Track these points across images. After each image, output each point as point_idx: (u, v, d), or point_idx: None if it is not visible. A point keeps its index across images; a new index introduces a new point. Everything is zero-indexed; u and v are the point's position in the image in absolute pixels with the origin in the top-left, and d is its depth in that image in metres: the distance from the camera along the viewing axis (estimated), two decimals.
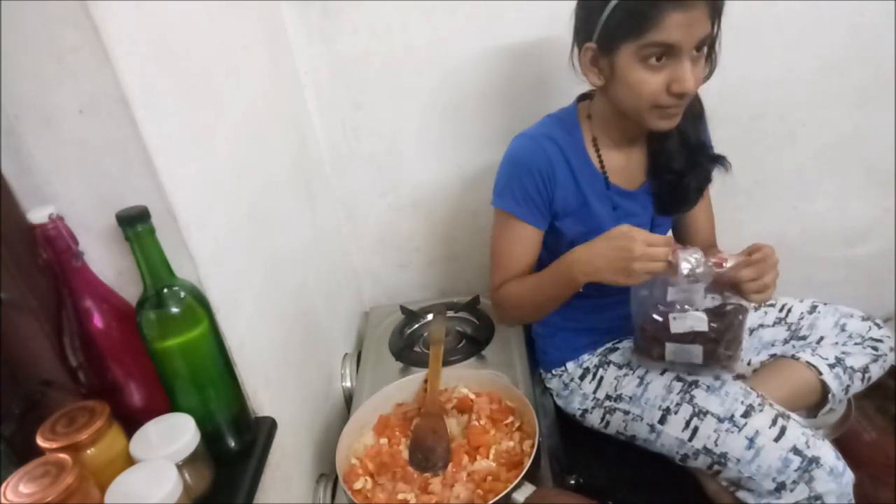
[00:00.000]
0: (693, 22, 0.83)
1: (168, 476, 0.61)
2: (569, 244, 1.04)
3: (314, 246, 1.21)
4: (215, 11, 0.87)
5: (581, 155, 1.01)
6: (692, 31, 0.84)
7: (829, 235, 1.50)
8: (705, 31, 0.85)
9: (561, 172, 1.00)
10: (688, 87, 0.86)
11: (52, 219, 0.62)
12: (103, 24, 0.58)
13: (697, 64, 0.88)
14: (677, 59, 0.86)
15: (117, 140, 0.63)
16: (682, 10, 0.82)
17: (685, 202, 1.05)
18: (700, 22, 0.84)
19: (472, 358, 1.25)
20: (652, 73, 0.87)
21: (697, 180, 1.03)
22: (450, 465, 0.91)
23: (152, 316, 0.66)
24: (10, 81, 0.59)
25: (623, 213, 1.04)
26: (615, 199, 1.03)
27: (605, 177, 1.02)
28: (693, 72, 0.87)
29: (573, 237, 1.04)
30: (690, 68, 0.86)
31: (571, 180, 1.01)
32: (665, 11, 0.82)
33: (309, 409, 1.06)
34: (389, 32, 1.24)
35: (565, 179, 1.00)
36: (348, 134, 1.35)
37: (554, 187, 1.00)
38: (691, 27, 0.83)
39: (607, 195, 1.03)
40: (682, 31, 0.83)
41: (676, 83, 0.86)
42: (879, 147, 1.39)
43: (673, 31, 0.83)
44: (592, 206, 1.02)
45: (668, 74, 0.87)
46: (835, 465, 0.89)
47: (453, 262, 1.52)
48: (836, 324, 1.10)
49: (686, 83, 0.86)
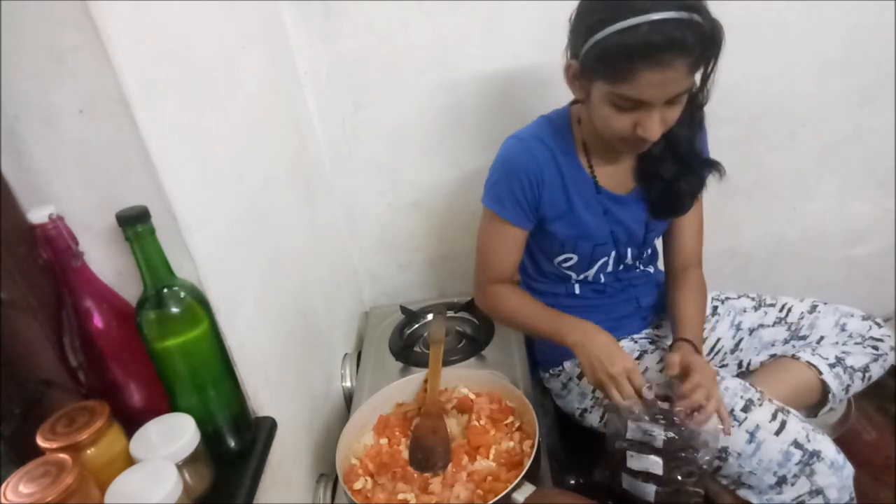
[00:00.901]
0: (667, 81, 0.81)
1: (168, 476, 0.61)
2: (560, 246, 1.05)
3: (314, 246, 1.21)
4: (215, 11, 0.87)
5: (571, 159, 1.02)
6: (665, 90, 0.82)
7: (829, 235, 1.50)
8: (683, 87, 0.83)
9: (550, 176, 1.00)
10: (651, 136, 0.85)
11: (52, 219, 0.62)
12: (103, 24, 0.58)
13: (673, 107, 0.86)
14: (647, 109, 0.84)
15: (117, 140, 0.63)
16: (658, 71, 0.79)
17: (678, 208, 1.04)
18: (675, 80, 0.81)
19: (472, 358, 1.25)
20: (620, 115, 0.87)
21: (689, 186, 1.01)
22: (450, 465, 0.91)
23: (152, 316, 0.66)
24: (10, 81, 0.59)
25: (614, 219, 1.04)
26: (606, 204, 1.03)
27: (594, 181, 1.02)
28: (666, 115, 0.85)
29: (564, 240, 1.05)
30: (660, 117, 0.85)
31: (560, 184, 1.01)
32: (639, 70, 0.80)
33: (309, 409, 1.06)
34: (389, 32, 1.24)
35: (554, 183, 1.01)
36: (348, 134, 1.35)
37: (542, 190, 1.01)
38: (665, 86, 0.81)
39: (598, 199, 1.03)
40: (654, 89, 0.81)
41: (641, 129, 0.86)
42: (879, 147, 1.39)
43: (644, 90, 0.82)
44: (582, 210, 1.03)
45: (635, 118, 0.86)
46: (835, 458, 0.89)
47: (453, 262, 1.52)
48: (837, 323, 1.10)
49: (650, 133, 0.85)
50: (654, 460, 0.90)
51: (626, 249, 1.09)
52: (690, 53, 0.79)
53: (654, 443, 0.90)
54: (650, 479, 0.92)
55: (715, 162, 1.02)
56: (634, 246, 1.09)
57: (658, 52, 0.77)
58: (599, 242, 1.06)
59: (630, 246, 1.08)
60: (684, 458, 0.90)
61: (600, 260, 1.08)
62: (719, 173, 1.02)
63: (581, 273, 1.10)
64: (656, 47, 0.77)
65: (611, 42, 0.81)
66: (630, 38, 0.78)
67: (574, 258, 1.08)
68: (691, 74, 0.82)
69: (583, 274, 1.10)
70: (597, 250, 1.06)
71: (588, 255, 1.07)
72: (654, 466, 0.90)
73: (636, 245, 1.09)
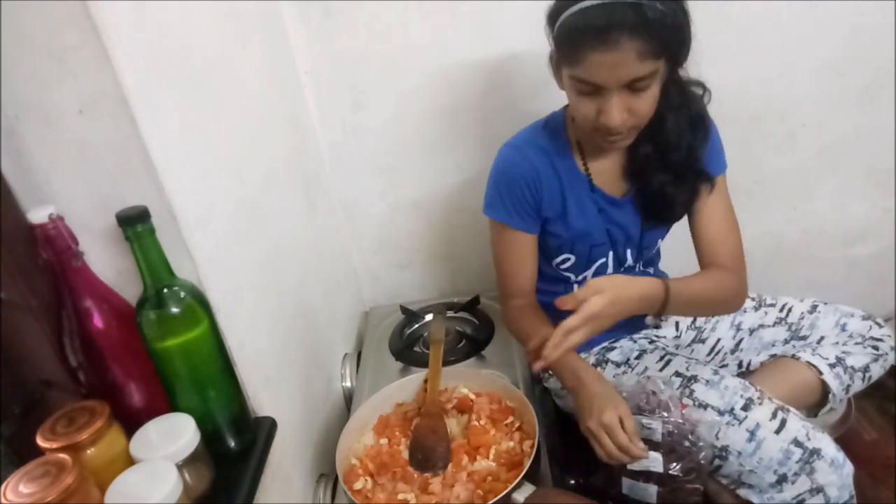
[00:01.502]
0: (616, 64, 0.80)
1: (168, 476, 0.61)
2: (557, 247, 1.05)
3: (314, 246, 1.21)
4: (215, 11, 0.87)
5: (566, 158, 1.02)
6: (616, 73, 0.81)
7: (829, 235, 1.50)
8: (635, 72, 0.81)
9: (546, 177, 1.01)
10: (612, 122, 0.85)
11: (52, 219, 0.62)
12: (103, 24, 0.58)
13: (639, 96, 0.85)
14: (605, 94, 0.84)
15: (117, 140, 0.63)
16: (604, 50, 0.79)
17: (669, 215, 1.04)
18: (625, 65, 0.80)
19: (472, 358, 1.25)
20: (584, 100, 0.87)
21: (679, 194, 0.99)
22: (450, 465, 0.91)
23: (152, 316, 0.66)
24: (10, 81, 0.59)
25: (610, 219, 1.04)
26: (601, 203, 1.04)
27: (589, 179, 1.03)
28: (632, 103, 0.85)
29: (562, 242, 1.06)
30: (620, 104, 0.84)
31: (557, 184, 1.02)
32: (586, 52, 0.81)
33: (309, 409, 1.06)
34: (389, 32, 1.24)
35: (551, 184, 1.02)
36: (348, 134, 1.35)
37: (541, 193, 1.02)
38: (614, 69, 0.81)
39: (592, 198, 1.03)
40: (604, 72, 0.82)
41: (602, 116, 0.86)
42: (879, 147, 1.39)
43: (594, 72, 0.82)
44: (576, 209, 1.03)
45: (598, 104, 0.86)
46: (835, 456, 0.89)
47: (453, 262, 1.52)
48: (837, 323, 1.10)
49: (610, 119, 0.85)
50: (654, 456, 0.90)
51: (625, 251, 1.09)
52: (638, 35, 0.78)
53: (654, 436, 0.90)
54: (650, 479, 0.92)
55: (708, 175, 0.99)
56: (633, 247, 1.09)
57: (601, 32, 0.79)
58: (596, 243, 1.06)
59: (629, 247, 1.08)
60: (684, 451, 0.90)
61: (598, 261, 1.08)
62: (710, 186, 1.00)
63: (579, 274, 1.10)
64: (599, 28, 0.79)
65: (565, 25, 0.84)
66: (578, 20, 0.81)
67: (572, 259, 1.08)
68: (647, 59, 0.81)
69: (581, 275, 1.10)
70: (594, 251, 1.07)
71: (585, 255, 1.07)
72: (654, 463, 0.90)
73: (635, 247, 1.09)
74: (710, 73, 0.98)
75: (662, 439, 0.90)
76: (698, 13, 0.89)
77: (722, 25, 1.24)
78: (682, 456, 0.91)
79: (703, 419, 0.90)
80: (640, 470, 0.92)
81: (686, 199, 1.01)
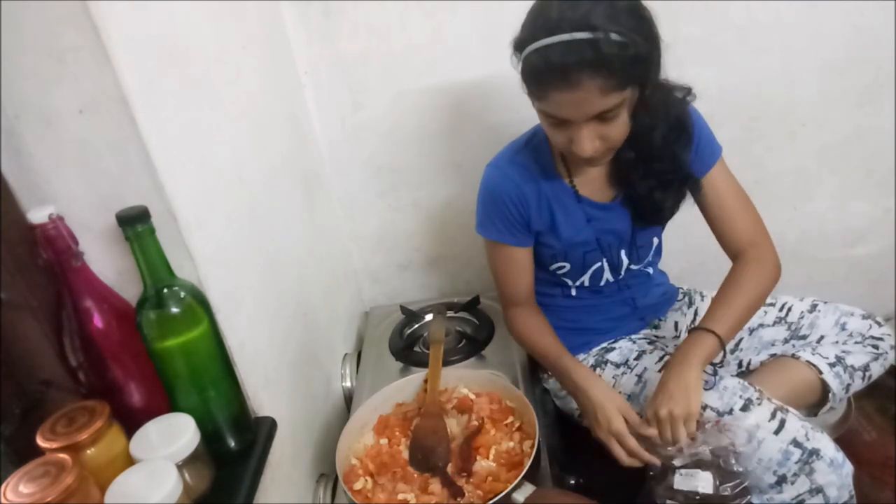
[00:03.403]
0: (581, 101, 0.80)
1: (168, 476, 0.61)
2: (552, 256, 1.07)
3: (314, 246, 1.21)
4: (215, 11, 0.88)
5: (549, 172, 1.03)
6: (581, 109, 0.81)
7: (829, 235, 1.50)
8: (601, 107, 0.81)
9: (530, 193, 1.02)
10: (584, 153, 0.85)
11: (52, 219, 0.62)
12: (103, 24, 0.58)
13: (609, 123, 0.84)
14: (574, 126, 0.84)
15: (117, 140, 0.63)
16: (567, 89, 0.79)
17: (658, 218, 1.04)
18: (589, 102, 0.80)
19: (472, 358, 1.25)
20: (555, 130, 0.88)
21: (666, 198, 0.99)
22: (450, 465, 0.91)
23: (152, 316, 0.66)
24: (10, 81, 0.59)
25: (599, 226, 1.04)
26: (589, 212, 1.04)
27: (574, 190, 1.03)
28: (603, 131, 0.85)
29: (555, 251, 1.06)
30: (590, 134, 0.84)
31: (543, 199, 1.02)
32: (549, 90, 0.81)
33: (309, 409, 1.06)
34: (389, 32, 1.24)
35: (535, 199, 1.02)
36: (348, 134, 1.35)
37: (528, 210, 1.03)
38: (579, 105, 0.81)
39: (580, 208, 1.03)
40: (569, 108, 0.82)
41: (574, 146, 0.86)
42: (879, 147, 1.39)
43: (559, 109, 0.82)
44: (564, 221, 1.03)
45: (569, 134, 0.86)
46: (835, 456, 0.89)
47: (453, 262, 1.52)
48: (837, 322, 1.10)
49: (582, 150, 0.85)
50: (703, 476, 0.88)
51: (618, 253, 1.08)
52: (598, 73, 0.77)
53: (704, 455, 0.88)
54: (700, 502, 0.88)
55: (694, 178, 1.00)
56: (627, 249, 1.09)
57: (562, 72, 0.78)
58: (588, 250, 1.06)
59: (623, 249, 1.08)
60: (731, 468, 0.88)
61: (593, 266, 1.09)
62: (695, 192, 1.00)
63: (576, 279, 1.11)
64: (558, 68, 0.78)
65: (528, 61, 0.82)
66: (537, 59, 0.80)
67: (567, 266, 1.09)
68: (611, 93, 0.79)
69: (578, 280, 1.11)
70: (587, 257, 1.07)
71: (580, 262, 1.08)
72: (705, 484, 0.87)
73: (629, 248, 1.09)
74: (710, 73, 0.98)
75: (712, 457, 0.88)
76: (698, 13, 0.89)
77: (722, 25, 1.24)
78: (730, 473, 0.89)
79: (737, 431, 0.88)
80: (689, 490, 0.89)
81: (673, 203, 1.01)
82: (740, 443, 0.90)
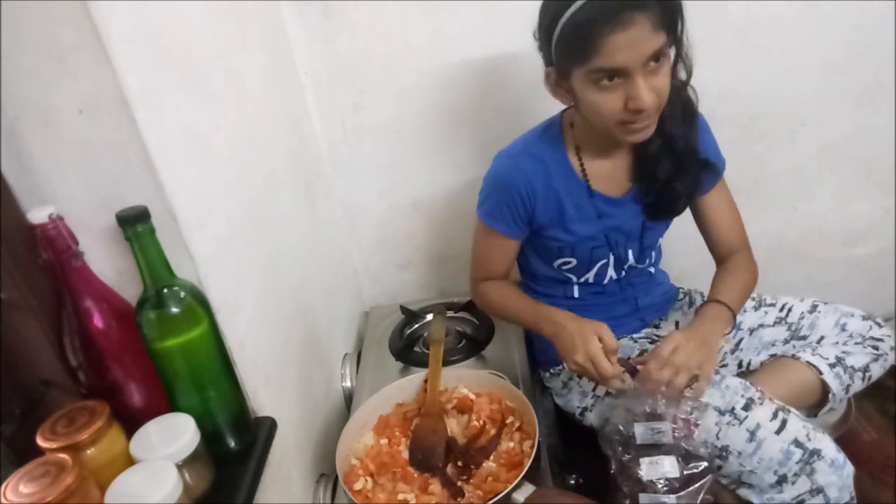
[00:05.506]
0: (635, 41, 0.80)
1: (168, 476, 0.61)
2: (558, 250, 1.06)
3: (314, 246, 1.21)
4: (215, 11, 0.87)
5: (563, 165, 1.03)
6: (636, 50, 0.81)
7: (829, 235, 1.50)
8: (654, 45, 0.82)
9: (541, 187, 1.02)
10: (643, 104, 0.85)
11: (52, 219, 0.62)
12: (103, 24, 0.58)
13: (658, 74, 0.85)
14: (629, 77, 0.84)
15: (117, 140, 0.63)
16: (621, 31, 0.79)
17: (673, 209, 1.05)
18: (644, 39, 0.81)
19: (472, 358, 1.25)
20: (607, 94, 0.87)
21: (685, 186, 1.01)
22: (450, 466, 0.91)
23: (152, 316, 0.66)
24: (10, 81, 0.59)
25: (608, 221, 1.05)
26: (600, 207, 1.04)
27: (587, 185, 1.03)
28: (653, 83, 0.85)
29: (562, 245, 1.06)
30: (645, 84, 0.84)
31: (552, 192, 1.02)
32: (603, 37, 0.80)
33: (309, 409, 1.06)
34: (389, 32, 1.24)
35: (546, 193, 1.02)
36: (348, 134, 1.35)
37: (534, 203, 1.02)
38: (634, 47, 0.81)
39: (591, 203, 1.03)
40: (625, 52, 0.81)
41: (632, 101, 0.85)
42: (879, 147, 1.39)
43: (615, 55, 0.82)
44: (574, 216, 1.03)
45: (623, 93, 0.86)
46: (836, 457, 0.89)
47: (453, 262, 1.52)
48: (837, 323, 1.10)
49: (641, 101, 0.85)
50: (668, 461, 0.89)
51: (625, 251, 1.09)
52: (646, 7, 0.80)
53: (664, 439, 0.90)
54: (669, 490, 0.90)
55: (710, 163, 1.02)
56: (634, 247, 1.09)
57: (615, 14, 0.79)
58: (597, 245, 1.06)
59: (629, 247, 1.09)
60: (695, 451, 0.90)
61: (599, 262, 1.09)
62: (716, 174, 1.03)
63: (581, 276, 1.11)
64: (612, 11, 0.80)
65: (571, 23, 0.83)
66: (584, 14, 0.82)
67: (573, 261, 1.08)
68: (659, 31, 0.82)
69: (583, 276, 1.11)
70: (595, 252, 1.07)
71: (587, 257, 1.08)
72: (671, 469, 0.89)
73: (636, 245, 1.09)
74: (710, 73, 0.98)
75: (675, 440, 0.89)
76: (698, 13, 0.89)
77: (722, 25, 1.24)
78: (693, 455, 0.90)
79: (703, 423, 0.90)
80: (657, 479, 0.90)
81: (689, 192, 1.03)
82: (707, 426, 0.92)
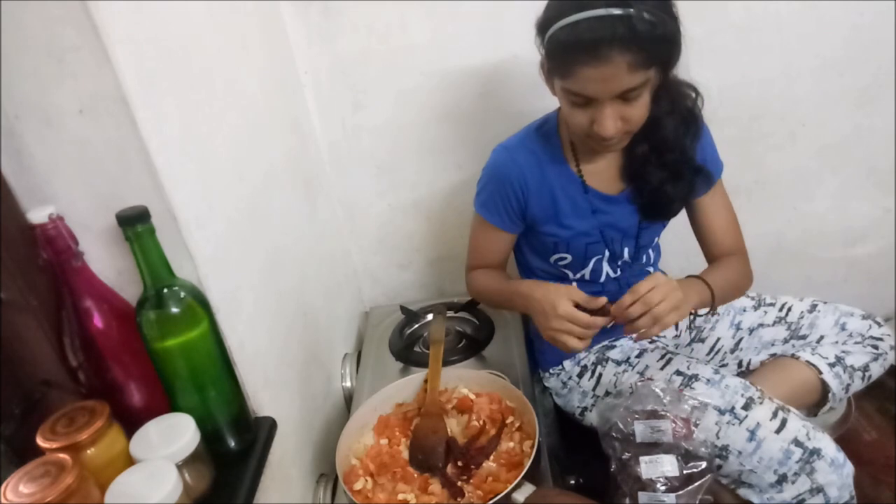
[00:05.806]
0: (608, 78, 0.81)
1: (168, 476, 0.61)
2: (553, 246, 1.06)
3: (314, 246, 1.21)
4: (215, 11, 0.87)
5: (558, 161, 1.03)
6: (608, 86, 0.82)
7: (829, 235, 1.50)
8: (627, 84, 0.82)
9: (534, 181, 1.02)
10: (606, 133, 0.86)
11: (52, 219, 0.62)
12: (103, 24, 0.58)
13: (632, 104, 0.85)
14: (598, 104, 0.85)
15: (117, 140, 0.63)
16: (595, 66, 0.80)
17: (666, 212, 1.05)
18: (617, 78, 0.81)
19: (472, 358, 1.25)
20: (578, 110, 0.88)
21: (677, 191, 1.00)
22: (450, 465, 0.91)
23: (152, 316, 0.66)
24: (10, 81, 0.59)
25: (603, 218, 1.05)
26: (595, 203, 1.04)
27: (581, 181, 1.03)
28: (625, 112, 0.85)
29: (557, 240, 1.06)
30: (613, 113, 0.85)
31: (546, 188, 1.03)
32: (579, 64, 0.81)
33: (309, 409, 1.06)
34: (389, 32, 1.24)
35: (539, 188, 1.02)
36: (348, 134, 1.35)
37: (527, 198, 1.03)
38: (606, 82, 0.81)
39: (586, 199, 1.04)
40: (597, 85, 0.82)
41: (596, 125, 0.86)
42: (879, 147, 1.39)
43: (586, 85, 0.83)
44: (569, 211, 1.04)
45: (590, 114, 0.87)
46: (835, 456, 0.89)
47: (453, 262, 1.52)
48: (837, 323, 1.10)
49: (604, 129, 0.86)
50: (668, 459, 0.90)
51: (620, 248, 1.09)
52: (628, 49, 0.78)
53: (664, 438, 0.90)
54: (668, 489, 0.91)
55: (705, 170, 1.01)
56: (630, 244, 1.09)
57: (592, 47, 0.79)
58: (591, 241, 1.06)
59: (625, 244, 1.08)
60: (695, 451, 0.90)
61: (594, 258, 1.09)
62: (708, 183, 1.02)
63: (577, 272, 1.11)
64: (588, 43, 0.79)
65: (555, 38, 0.84)
66: (567, 35, 0.81)
67: (568, 257, 1.08)
68: (638, 70, 0.81)
69: (579, 273, 1.11)
70: (589, 248, 1.07)
71: (581, 253, 1.07)
72: (670, 468, 0.89)
73: (632, 243, 1.09)
74: (710, 73, 0.98)
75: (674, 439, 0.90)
76: (698, 13, 0.89)
77: (722, 25, 1.24)
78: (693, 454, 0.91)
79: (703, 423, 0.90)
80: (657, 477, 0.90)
81: (683, 196, 1.02)
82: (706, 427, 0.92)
